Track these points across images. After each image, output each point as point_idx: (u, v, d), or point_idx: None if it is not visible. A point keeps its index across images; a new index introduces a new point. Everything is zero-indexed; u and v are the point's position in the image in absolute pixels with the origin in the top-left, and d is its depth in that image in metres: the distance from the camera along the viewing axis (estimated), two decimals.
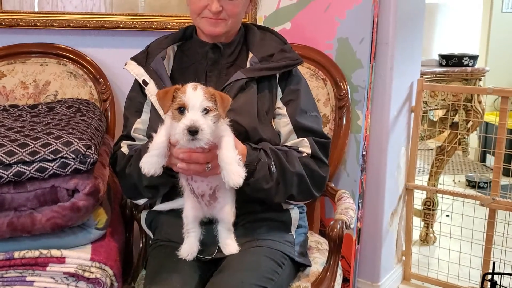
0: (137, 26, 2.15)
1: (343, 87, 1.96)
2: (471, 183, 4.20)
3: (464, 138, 3.02)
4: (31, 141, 1.44)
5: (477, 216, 2.42)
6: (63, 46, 2.10)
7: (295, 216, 1.58)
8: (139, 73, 1.56)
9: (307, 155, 1.51)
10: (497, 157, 2.32)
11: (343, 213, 1.58)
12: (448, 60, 2.95)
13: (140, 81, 1.56)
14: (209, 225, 1.47)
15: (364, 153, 2.16)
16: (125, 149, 1.53)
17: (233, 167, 1.26)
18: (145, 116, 1.57)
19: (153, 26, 2.16)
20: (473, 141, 4.68)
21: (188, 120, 1.21)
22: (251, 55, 1.58)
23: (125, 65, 1.60)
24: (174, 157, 1.30)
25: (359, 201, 2.18)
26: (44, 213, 1.42)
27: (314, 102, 1.66)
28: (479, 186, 4.07)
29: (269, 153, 1.42)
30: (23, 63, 2.05)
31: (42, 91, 2.02)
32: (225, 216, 1.42)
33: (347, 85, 1.97)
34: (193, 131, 1.20)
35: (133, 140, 1.57)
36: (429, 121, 2.85)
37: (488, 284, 2.26)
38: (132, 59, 1.61)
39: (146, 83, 1.54)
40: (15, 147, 1.41)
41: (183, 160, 1.28)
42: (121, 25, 2.14)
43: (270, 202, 1.49)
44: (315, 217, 1.93)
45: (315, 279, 1.54)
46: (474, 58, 2.94)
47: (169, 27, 2.16)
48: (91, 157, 1.44)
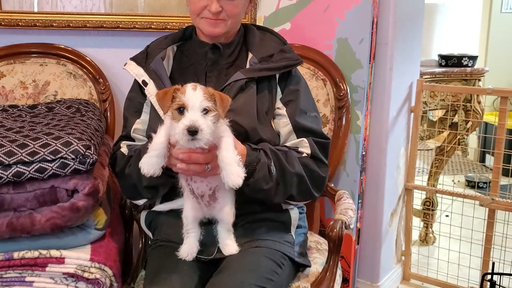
0: (137, 26, 2.15)
1: (342, 87, 1.96)
2: (470, 183, 4.20)
3: (463, 138, 3.02)
4: (31, 141, 1.44)
5: (477, 216, 2.42)
6: (62, 46, 2.09)
7: (295, 216, 1.58)
8: (139, 74, 1.56)
9: (306, 155, 1.51)
10: (497, 157, 2.32)
11: (343, 213, 1.58)
12: (447, 60, 2.94)
13: (139, 82, 1.56)
14: (208, 225, 1.47)
15: (363, 153, 2.16)
16: (124, 150, 1.53)
17: (233, 168, 1.26)
18: (144, 116, 1.56)
19: (153, 26, 2.16)
20: (473, 141, 4.68)
21: (187, 120, 1.21)
22: (250, 55, 1.58)
23: (125, 66, 1.60)
24: (173, 158, 1.30)
25: (359, 201, 2.18)
26: (43, 213, 1.42)
27: (313, 102, 1.65)
28: (478, 186, 4.08)
29: (268, 153, 1.42)
30: (23, 63, 2.04)
31: (41, 91, 2.02)
32: (225, 216, 1.42)
33: (346, 85, 1.97)
34: (192, 131, 1.20)
35: (132, 140, 1.56)
36: (428, 121, 2.85)
37: (487, 284, 2.26)
38: (131, 59, 1.61)
39: (145, 84, 1.54)
40: (14, 147, 1.41)
41: (182, 160, 1.28)
42: (121, 25, 2.14)
43: (269, 202, 1.48)
44: (315, 217, 1.93)
45: (314, 279, 1.54)
46: (473, 58, 2.94)
47: (169, 27, 2.15)
48: (91, 157, 1.44)
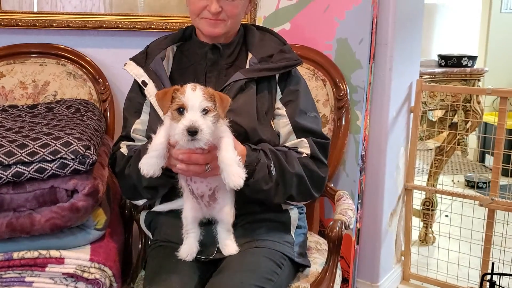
0: (137, 26, 2.15)
1: (342, 87, 1.96)
2: (470, 183, 4.20)
3: (463, 138, 3.02)
4: (30, 141, 1.43)
5: (476, 216, 2.42)
6: (62, 46, 2.09)
7: (295, 216, 1.58)
8: (139, 74, 1.56)
9: (306, 155, 1.51)
10: (496, 157, 2.32)
11: (342, 214, 1.58)
12: (447, 60, 2.95)
13: (139, 82, 1.55)
14: (208, 225, 1.47)
15: (363, 153, 2.16)
16: (124, 150, 1.53)
17: (233, 169, 1.26)
18: (144, 116, 1.56)
19: (153, 26, 2.15)
20: (472, 141, 4.69)
21: (187, 120, 1.21)
22: (250, 55, 1.58)
23: (125, 66, 1.60)
24: (173, 158, 1.30)
25: (358, 201, 2.18)
26: (43, 213, 1.42)
27: (313, 102, 1.65)
28: (478, 186, 4.07)
29: (268, 154, 1.42)
30: (22, 63, 2.04)
31: (41, 91, 2.02)
32: (225, 216, 1.42)
33: (346, 85, 1.97)
34: (192, 132, 1.20)
35: (132, 140, 1.56)
36: (428, 121, 2.85)
37: (487, 284, 2.26)
38: (131, 59, 1.60)
39: (145, 84, 1.54)
40: (14, 147, 1.41)
41: (182, 161, 1.28)
42: (121, 25, 2.14)
43: (269, 203, 1.48)
44: (315, 218, 1.93)
45: (314, 279, 1.54)
46: (473, 58, 2.94)
47: (169, 27, 2.15)
48: (90, 157, 1.44)
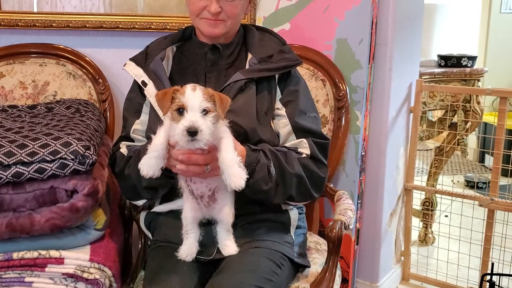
0: (136, 26, 2.15)
1: (342, 87, 1.96)
2: (469, 183, 4.20)
3: (463, 138, 3.02)
4: (30, 142, 1.43)
5: (476, 216, 2.43)
6: (62, 46, 2.09)
7: (294, 217, 1.58)
8: (138, 74, 1.56)
9: (306, 156, 1.51)
10: (496, 157, 2.32)
11: (342, 214, 1.58)
12: (447, 60, 2.95)
13: (139, 82, 1.55)
14: (208, 226, 1.47)
15: (363, 153, 2.16)
16: (124, 150, 1.53)
17: (234, 170, 1.26)
18: (144, 117, 1.56)
19: (152, 26, 2.15)
20: (472, 141, 4.69)
21: (187, 121, 1.21)
22: (250, 56, 1.58)
23: (124, 66, 1.60)
24: (173, 159, 1.30)
25: (358, 201, 2.18)
26: (43, 214, 1.42)
27: (313, 102, 1.65)
28: (477, 186, 4.07)
29: (268, 154, 1.42)
30: (22, 64, 2.04)
31: (41, 91, 2.02)
32: (224, 217, 1.42)
33: (346, 85, 1.97)
34: (192, 132, 1.20)
35: (132, 141, 1.56)
36: (428, 121, 2.85)
37: (486, 284, 2.26)
38: (131, 59, 1.60)
39: (145, 84, 1.54)
40: (14, 148, 1.41)
41: (182, 161, 1.28)
42: (120, 26, 2.14)
43: (269, 203, 1.48)
44: (314, 218, 1.93)
45: (314, 279, 1.54)
46: (472, 58, 2.94)
47: (168, 27, 2.15)
48: (90, 158, 1.44)
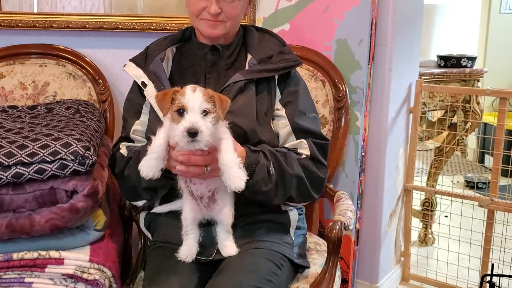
0: (136, 27, 2.15)
1: (341, 88, 1.96)
2: (469, 183, 4.20)
3: (462, 139, 3.03)
4: (30, 142, 1.44)
5: (476, 217, 2.43)
6: (62, 47, 2.09)
7: (294, 217, 1.58)
8: (138, 75, 1.56)
9: (306, 156, 1.51)
10: (496, 158, 2.32)
11: (342, 214, 1.58)
12: (446, 61, 2.95)
13: (139, 83, 1.55)
14: (208, 226, 1.47)
15: (362, 154, 2.16)
16: (124, 151, 1.53)
17: (234, 171, 1.26)
18: (144, 117, 1.56)
19: (152, 27, 2.15)
20: (472, 142, 4.69)
21: (187, 122, 1.21)
22: (249, 56, 1.58)
23: (124, 67, 1.60)
24: (173, 160, 1.30)
25: (358, 202, 2.18)
26: (43, 214, 1.42)
27: (312, 103, 1.66)
28: (477, 187, 4.07)
29: (268, 155, 1.42)
30: (22, 64, 2.04)
31: (41, 92, 2.02)
32: (224, 218, 1.42)
33: (345, 86, 1.97)
34: (192, 133, 1.20)
35: (132, 141, 1.56)
36: (427, 122, 2.85)
37: (486, 285, 2.25)
38: (131, 60, 1.60)
39: (145, 85, 1.54)
40: (14, 148, 1.41)
41: (182, 162, 1.28)
42: (120, 26, 2.14)
43: (269, 204, 1.48)
44: (314, 219, 1.93)
45: (313, 280, 1.54)
46: (472, 59, 2.95)
47: (168, 28, 2.15)
48: (90, 158, 1.44)
